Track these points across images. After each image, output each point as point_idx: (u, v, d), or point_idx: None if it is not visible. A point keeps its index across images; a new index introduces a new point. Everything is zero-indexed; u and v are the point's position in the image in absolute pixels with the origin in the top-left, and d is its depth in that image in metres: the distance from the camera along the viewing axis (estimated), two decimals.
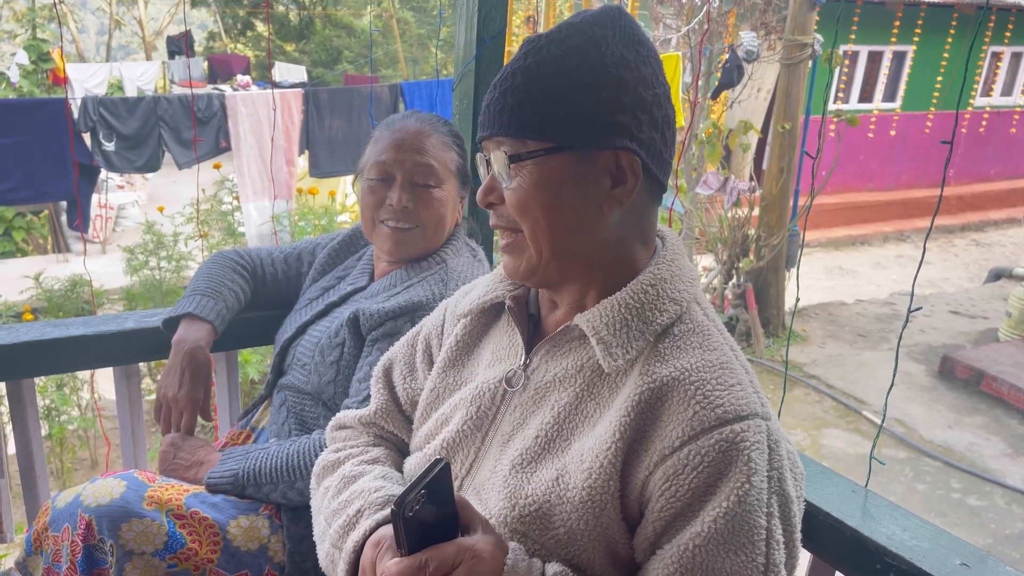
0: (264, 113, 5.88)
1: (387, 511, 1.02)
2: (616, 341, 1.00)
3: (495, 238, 1.90)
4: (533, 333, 1.14)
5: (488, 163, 1.06)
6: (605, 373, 1.02)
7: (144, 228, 5.25)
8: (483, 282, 1.23)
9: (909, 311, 1.13)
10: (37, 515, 1.46)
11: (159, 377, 1.94)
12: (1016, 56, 12.64)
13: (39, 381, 3.86)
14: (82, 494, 1.39)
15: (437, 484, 0.83)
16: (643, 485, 0.95)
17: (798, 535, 0.97)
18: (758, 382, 1.02)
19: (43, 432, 3.97)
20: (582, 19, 1.02)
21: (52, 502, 1.43)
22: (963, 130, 12.34)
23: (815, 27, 6.66)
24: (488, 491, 1.04)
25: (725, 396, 0.94)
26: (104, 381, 3.98)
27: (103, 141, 5.48)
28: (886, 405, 1.30)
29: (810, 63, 6.61)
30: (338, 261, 1.85)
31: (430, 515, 0.84)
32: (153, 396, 4.52)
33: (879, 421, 5.86)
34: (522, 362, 1.10)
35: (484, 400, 1.11)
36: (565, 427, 1.02)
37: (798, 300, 1.39)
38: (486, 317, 1.22)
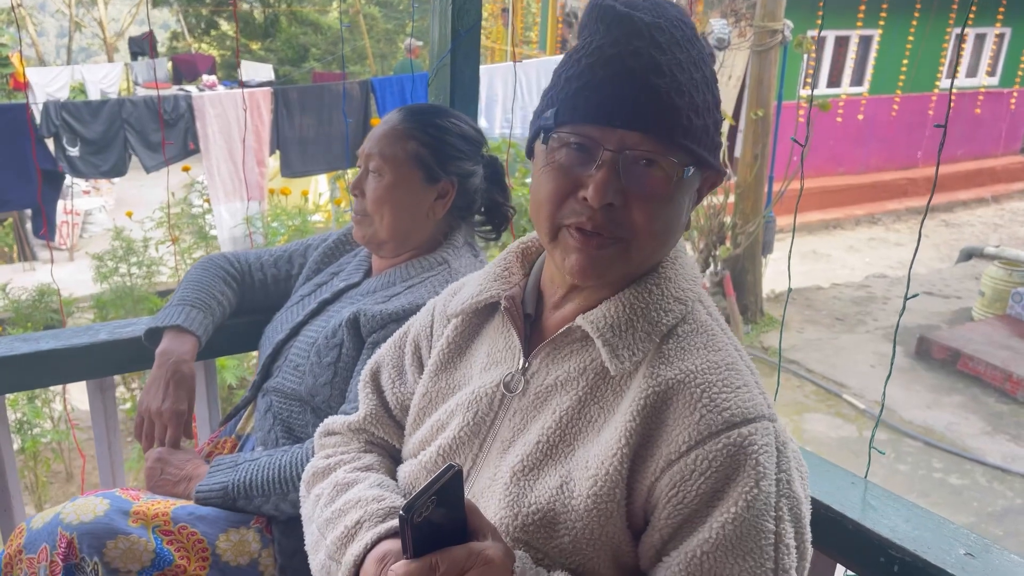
0: (233, 114, 5.78)
1: (389, 524, 0.99)
2: (622, 343, 0.97)
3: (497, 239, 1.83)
4: (530, 333, 1.09)
5: (591, 153, 0.93)
6: (609, 376, 0.99)
7: (113, 234, 5.14)
8: (474, 280, 1.18)
9: (905, 298, 1.11)
10: (9, 538, 1.41)
11: (141, 391, 1.88)
12: (980, 37, 12.80)
13: (9, 395, 3.77)
14: (62, 512, 1.34)
15: (448, 490, 0.81)
16: (649, 491, 0.93)
17: (808, 536, 0.95)
18: (763, 383, 1.00)
19: (15, 446, 3.88)
20: (677, 16, 0.96)
21: (27, 524, 1.38)
22: (930, 112, 12.48)
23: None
24: (488, 499, 1.01)
25: (732, 399, 0.92)
26: (77, 391, 3.90)
27: (67, 146, 5.33)
28: (884, 396, 1.28)
29: (781, 49, 6.63)
30: (332, 259, 1.81)
31: (439, 520, 0.81)
32: (126, 406, 4.45)
33: (860, 404, 5.92)
34: (521, 365, 1.06)
35: (482, 405, 1.07)
36: (568, 432, 0.99)
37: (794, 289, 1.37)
38: (478, 317, 1.17)
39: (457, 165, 1.61)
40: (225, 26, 19.89)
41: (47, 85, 11.90)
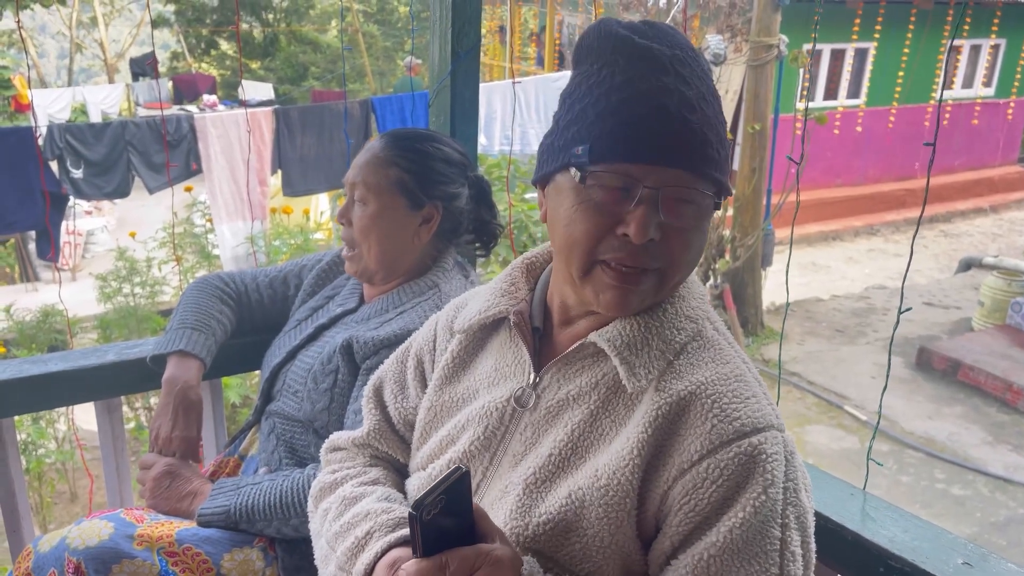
0: (234, 134, 5.83)
1: (399, 533, 1.00)
2: (639, 361, 0.99)
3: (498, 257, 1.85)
4: (539, 348, 1.10)
5: (630, 190, 0.94)
6: (621, 390, 1.01)
7: (116, 255, 5.17)
8: (479, 295, 1.19)
9: (900, 311, 1.13)
10: (17, 560, 1.42)
11: (147, 412, 1.90)
12: (975, 48, 12.87)
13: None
14: (68, 536, 1.36)
15: (456, 491, 0.83)
16: (661, 500, 0.95)
17: (813, 546, 0.97)
18: (770, 394, 1.02)
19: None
20: (686, 43, 0.99)
21: (34, 546, 1.39)
22: (927, 123, 12.53)
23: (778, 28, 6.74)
24: (498, 510, 1.02)
25: (742, 409, 0.95)
26: (81, 411, 3.91)
27: (71, 168, 5.38)
28: (880, 408, 1.30)
29: (777, 63, 6.69)
30: (327, 281, 1.81)
31: (448, 522, 0.83)
32: (130, 425, 4.45)
33: (861, 416, 5.92)
34: (531, 381, 1.07)
35: (492, 420, 1.08)
36: (580, 445, 1.01)
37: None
38: (483, 331, 1.18)
39: (441, 189, 1.61)
40: (225, 46, 20.03)
41: (48, 106, 12.00)
